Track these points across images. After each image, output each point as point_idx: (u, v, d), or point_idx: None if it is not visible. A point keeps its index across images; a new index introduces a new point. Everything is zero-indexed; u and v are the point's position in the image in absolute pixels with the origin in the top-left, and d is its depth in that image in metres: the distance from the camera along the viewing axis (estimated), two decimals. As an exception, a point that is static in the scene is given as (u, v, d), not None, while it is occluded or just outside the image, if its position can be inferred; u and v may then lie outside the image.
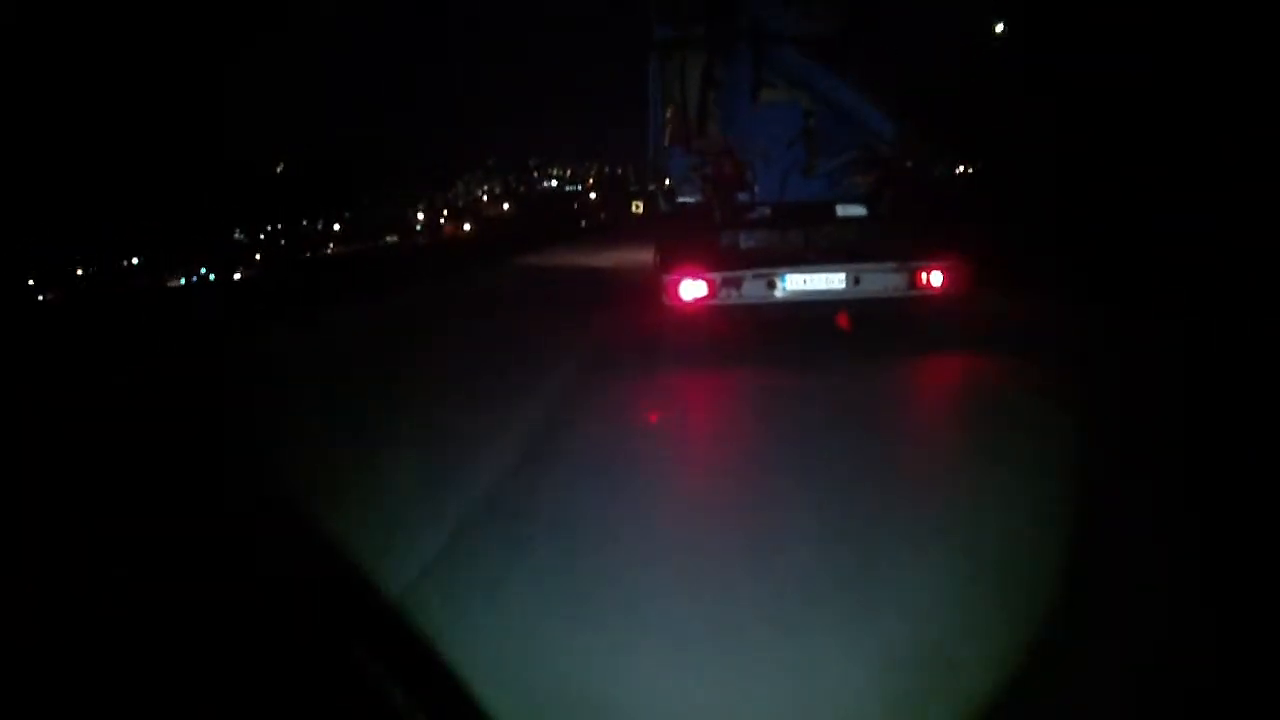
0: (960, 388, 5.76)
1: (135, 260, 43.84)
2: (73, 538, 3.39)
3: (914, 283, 6.09)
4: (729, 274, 6.11)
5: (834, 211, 6.62)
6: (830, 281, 6.13)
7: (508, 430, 4.67)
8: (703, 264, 6.17)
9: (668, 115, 7.57)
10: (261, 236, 51.10)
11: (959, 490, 3.54)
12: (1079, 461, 3.76)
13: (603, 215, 38.38)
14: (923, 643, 2.34)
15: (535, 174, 69.39)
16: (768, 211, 6.74)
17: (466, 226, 53.15)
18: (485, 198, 66.49)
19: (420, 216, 61.71)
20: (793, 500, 3.45)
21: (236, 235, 50.24)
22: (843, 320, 6.38)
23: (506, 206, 62.18)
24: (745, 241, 6.53)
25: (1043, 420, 4.45)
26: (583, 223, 38.03)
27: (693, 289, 6.14)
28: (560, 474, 3.94)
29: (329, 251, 47.55)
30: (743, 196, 6.87)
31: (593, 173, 62.01)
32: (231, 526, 3.40)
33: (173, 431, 5.04)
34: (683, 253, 6.40)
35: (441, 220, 60.88)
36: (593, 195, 46.17)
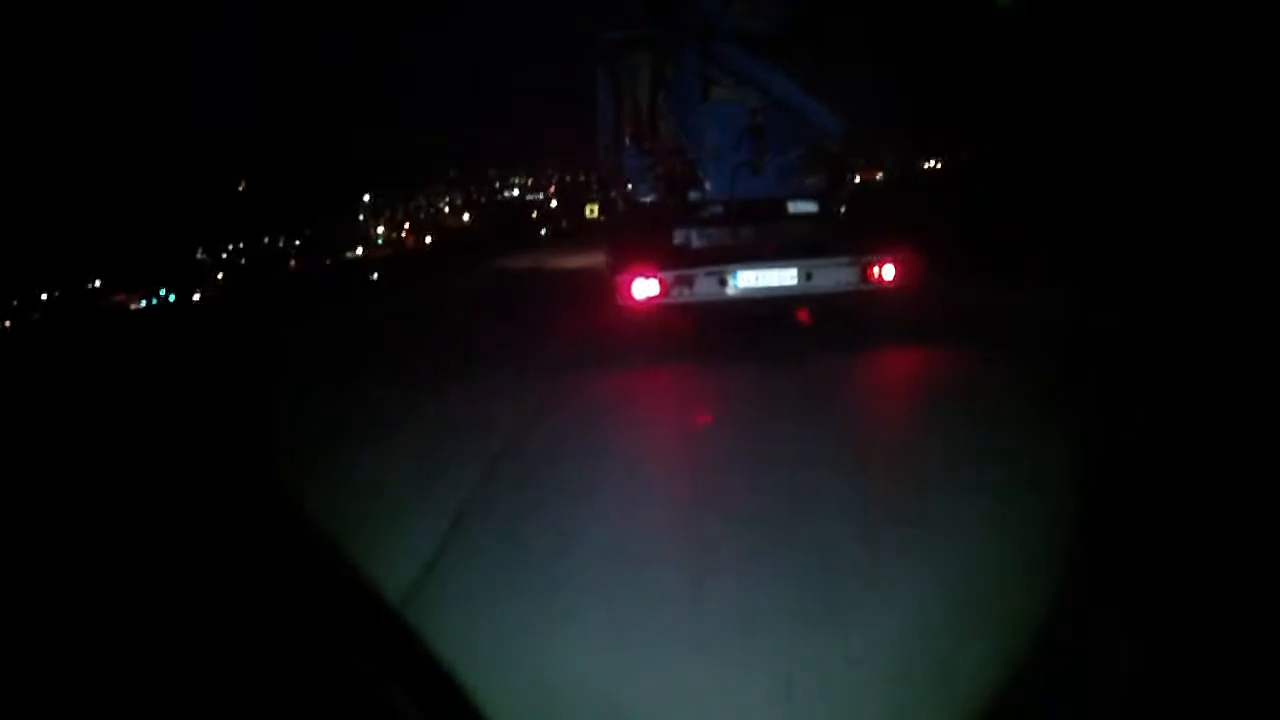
0: (912, 378, 5.79)
1: (97, 282, 42.75)
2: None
3: (866, 277, 6.09)
4: (681, 272, 6.07)
5: (785, 208, 6.62)
6: (782, 278, 6.12)
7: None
8: (655, 263, 6.13)
9: (619, 116, 7.55)
10: (224, 255, 50.18)
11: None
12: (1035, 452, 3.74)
13: (564, 223, 38.04)
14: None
15: (496, 184, 68.67)
16: (720, 209, 6.73)
17: (428, 239, 52.48)
18: (447, 209, 65.63)
19: (380, 230, 60.77)
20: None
21: (199, 255, 49.32)
22: (802, 315, 6.38)
23: (466, 217, 61.35)
24: (697, 240, 6.51)
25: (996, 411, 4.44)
26: (543, 231, 37.70)
27: (645, 288, 6.09)
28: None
29: (290, 267, 46.78)
30: (694, 195, 6.85)
31: (554, 180, 61.67)
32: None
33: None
34: (635, 252, 6.36)
35: (403, 234, 60.13)
36: (554, 203, 45.68)
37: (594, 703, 2.11)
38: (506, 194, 66.95)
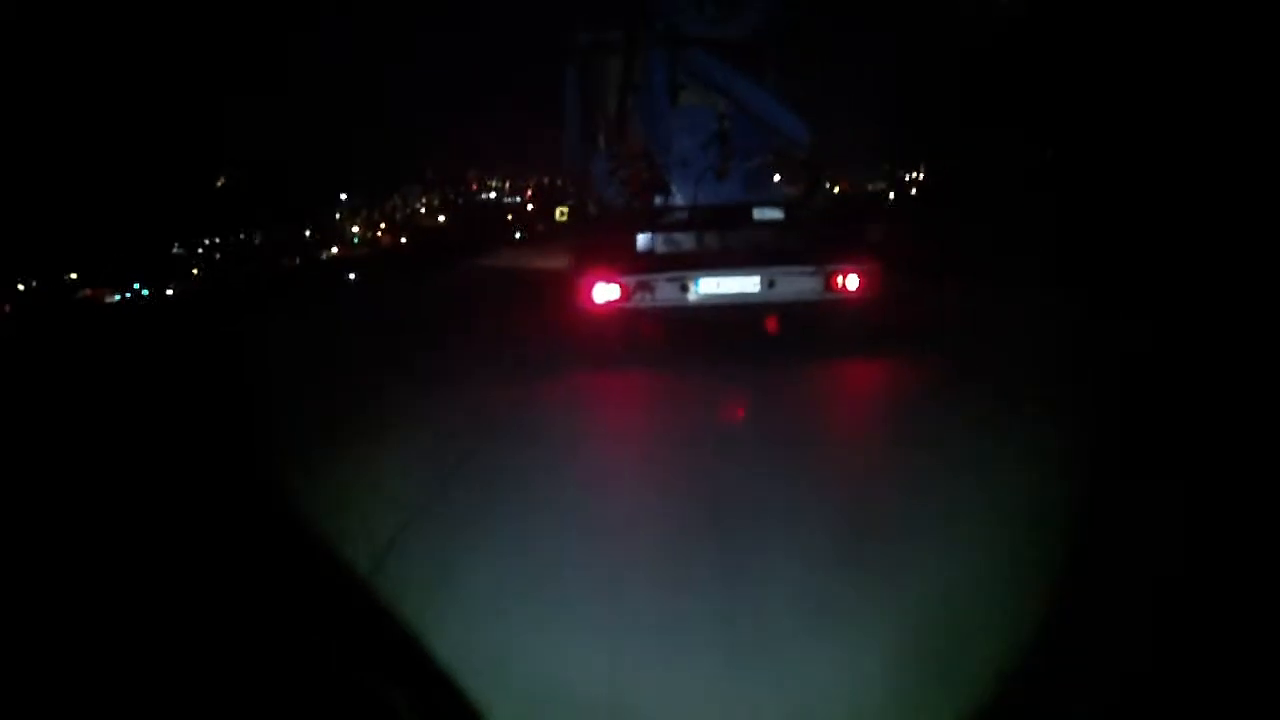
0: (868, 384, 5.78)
1: (73, 275, 41.86)
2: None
3: (829, 286, 6.05)
4: (641, 277, 6.01)
5: (751, 215, 6.58)
6: (744, 285, 6.07)
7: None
8: (617, 267, 6.07)
9: (587, 119, 7.51)
10: (200, 250, 49.35)
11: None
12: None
13: (540, 226, 37.69)
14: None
15: (474, 186, 67.76)
16: (684, 214, 6.68)
17: (404, 240, 51.79)
18: (424, 210, 64.77)
19: (355, 230, 59.67)
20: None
21: (175, 249, 48.48)
22: (770, 324, 6.31)
23: (442, 219, 60.47)
24: (660, 245, 6.45)
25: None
26: (517, 234, 37.17)
27: (605, 292, 6.02)
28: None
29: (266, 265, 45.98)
30: (660, 199, 6.80)
31: (531, 184, 61.13)
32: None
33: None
34: (598, 255, 6.30)
35: (379, 233, 59.25)
36: (530, 206, 44.92)
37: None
38: (485, 196, 66.12)
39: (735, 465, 3.81)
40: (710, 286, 6.05)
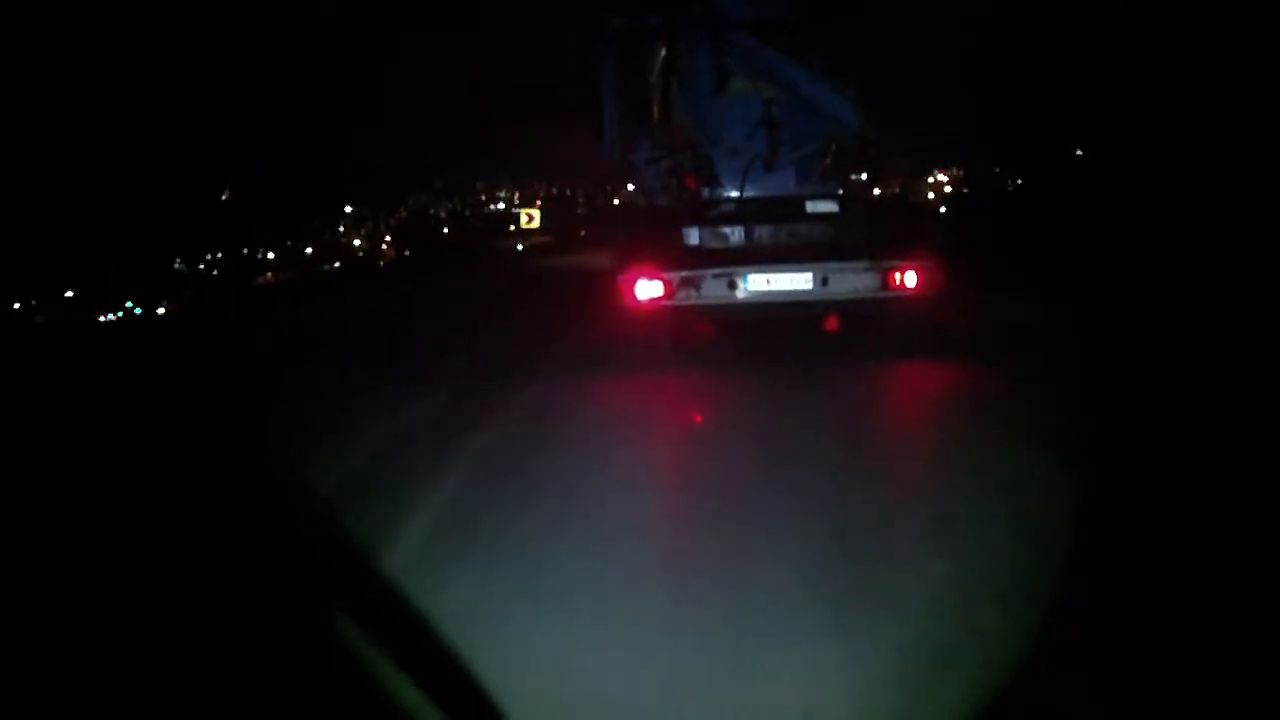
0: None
1: (70, 293, 40.86)
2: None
3: (886, 283, 5.66)
4: (687, 273, 5.66)
5: (803, 207, 6.20)
6: (796, 282, 5.70)
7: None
8: (662, 263, 5.73)
9: (627, 109, 7.18)
10: (201, 266, 47.10)
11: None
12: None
13: (547, 237, 36.84)
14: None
15: (483, 196, 66.17)
16: (732, 207, 6.33)
17: (407, 252, 50.75)
18: (433, 219, 62.78)
19: (357, 243, 58.38)
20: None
21: (177, 265, 47.27)
22: (830, 323, 5.93)
23: (446, 231, 58.21)
24: (707, 239, 6.11)
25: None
26: (519, 245, 36.24)
27: (649, 289, 5.69)
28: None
29: (268, 279, 43.74)
30: (706, 191, 6.46)
31: (540, 193, 59.87)
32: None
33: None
34: (642, 251, 5.97)
35: (383, 245, 57.51)
36: (536, 216, 43.66)
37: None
38: (493, 207, 64.05)
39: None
40: (760, 283, 5.70)
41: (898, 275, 5.64)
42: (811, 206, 6.22)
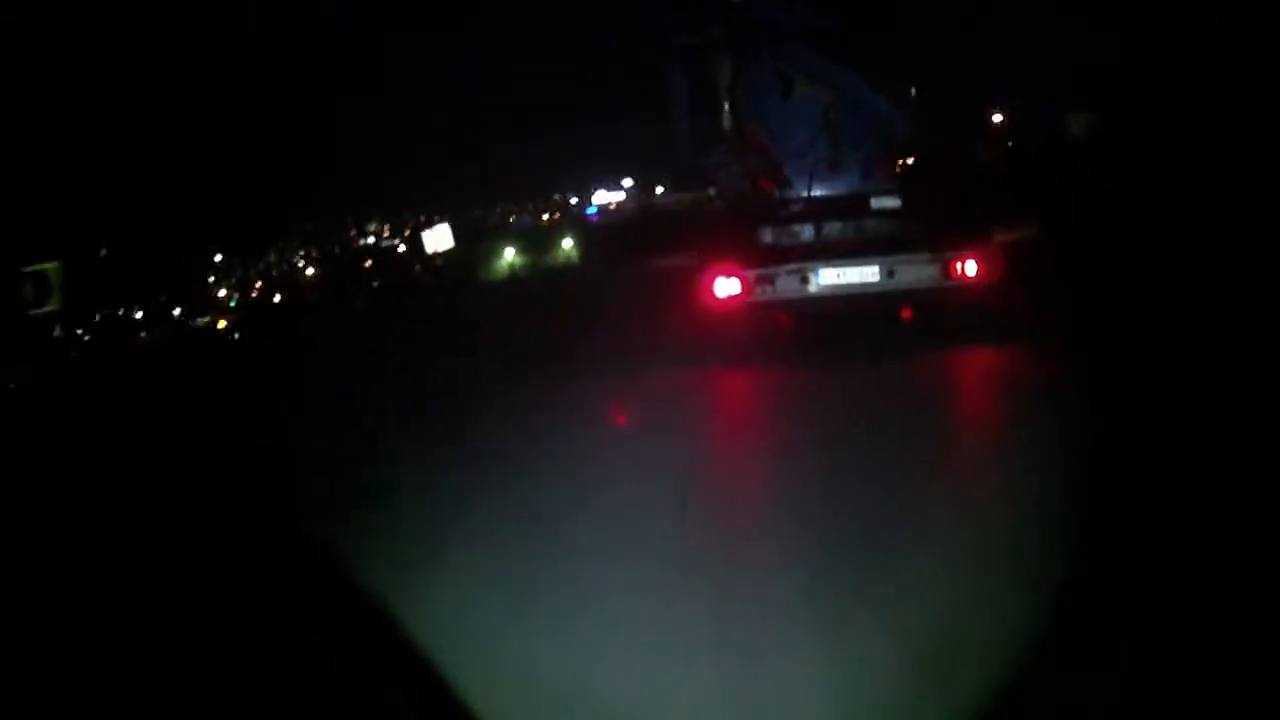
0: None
1: None
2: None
3: (948, 273, 6.07)
4: (762, 270, 6.20)
5: (868, 204, 6.65)
6: (864, 274, 6.17)
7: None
8: (737, 261, 6.27)
9: (698, 119, 7.68)
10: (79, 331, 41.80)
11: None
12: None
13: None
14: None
15: (354, 232, 59.36)
16: (801, 207, 6.82)
17: (277, 298, 46.32)
18: (302, 264, 57.70)
19: (223, 294, 53.75)
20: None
21: (56, 332, 42.06)
22: (905, 312, 6.37)
23: (311, 272, 53.65)
24: (779, 238, 6.61)
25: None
26: (374, 283, 34.59)
27: (727, 287, 6.24)
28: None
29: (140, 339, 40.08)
30: (776, 193, 6.96)
31: (410, 224, 52.44)
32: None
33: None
34: (719, 251, 6.50)
35: (253, 294, 52.98)
36: (401, 248, 37.19)
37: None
38: (364, 242, 57.66)
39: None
40: (830, 278, 6.18)
41: (959, 265, 6.05)
42: (876, 203, 6.65)
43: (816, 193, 6.81)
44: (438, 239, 38.45)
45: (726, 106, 7.23)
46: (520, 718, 2.13)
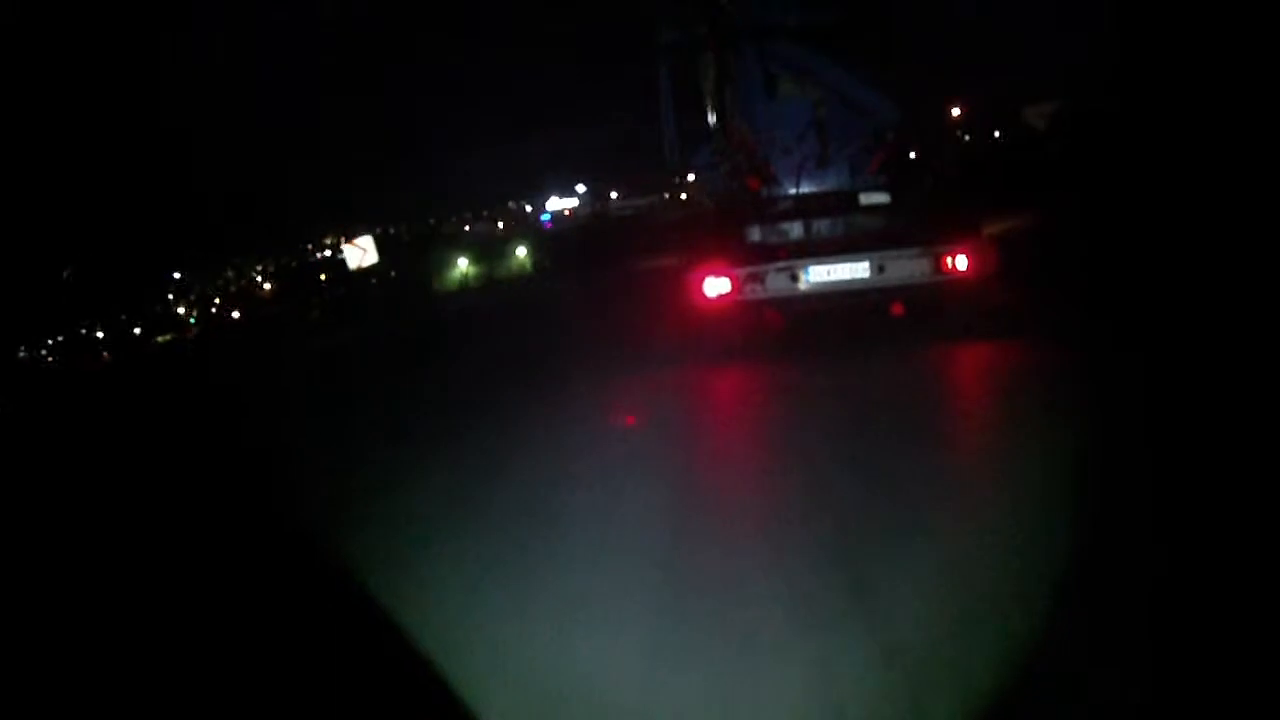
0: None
1: None
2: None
3: (939, 267, 6.02)
4: (751, 269, 6.13)
5: (857, 200, 6.61)
6: (854, 271, 6.11)
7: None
8: (726, 260, 6.20)
9: (683, 117, 7.63)
10: (43, 351, 42.97)
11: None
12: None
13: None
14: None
15: (309, 245, 58.26)
16: (790, 204, 6.77)
17: (236, 314, 46.66)
18: (260, 278, 57.84)
19: (182, 311, 54.09)
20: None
21: (21, 354, 41.32)
22: (897, 308, 6.30)
23: (268, 286, 53.75)
24: (768, 236, 6.56)
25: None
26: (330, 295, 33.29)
27: (716, 286, 6.17)
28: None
29: (104, 360, 39.18)
30: (765, 190, 6.91)
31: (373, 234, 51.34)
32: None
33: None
34: (707, 250, 6.44)
35: (213, 309, 53.49)
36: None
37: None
38: (319, 254, 56.20)
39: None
40: (820, 275, 6.13)
41: (949, 259, 5.99)
42: (865, 199, 6.61)
43: (805, 190, 6.75)
44: (360, 254, 36.39)
45: (712, 105, 7.18)
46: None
